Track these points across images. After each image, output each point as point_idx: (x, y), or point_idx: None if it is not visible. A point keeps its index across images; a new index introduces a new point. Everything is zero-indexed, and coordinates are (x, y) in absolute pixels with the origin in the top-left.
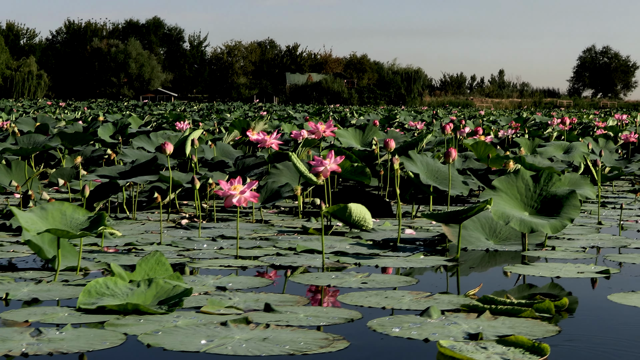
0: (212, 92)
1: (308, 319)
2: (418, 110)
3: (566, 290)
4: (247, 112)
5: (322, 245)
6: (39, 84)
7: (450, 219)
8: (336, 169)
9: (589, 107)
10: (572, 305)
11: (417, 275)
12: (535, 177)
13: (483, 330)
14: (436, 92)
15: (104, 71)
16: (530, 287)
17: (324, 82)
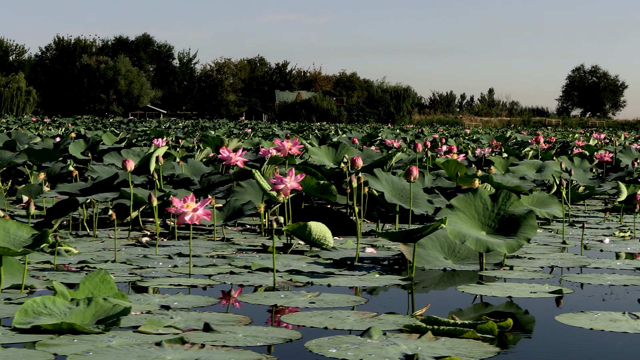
0: (201, 109)
1: (246, 339)
2: (404, 128)
3: (521, 310)
4: (232, 130)
5: (274, 264)
6: (28, 100)
7: (405, 238)
8: (296, 187)
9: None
10: (518, 326)
11: (368, 295)
12: (493, 197)
13: (421, 351)
14: (425, 111)
15: (93, 88)
16: (486, 306)
17: (313, 99)
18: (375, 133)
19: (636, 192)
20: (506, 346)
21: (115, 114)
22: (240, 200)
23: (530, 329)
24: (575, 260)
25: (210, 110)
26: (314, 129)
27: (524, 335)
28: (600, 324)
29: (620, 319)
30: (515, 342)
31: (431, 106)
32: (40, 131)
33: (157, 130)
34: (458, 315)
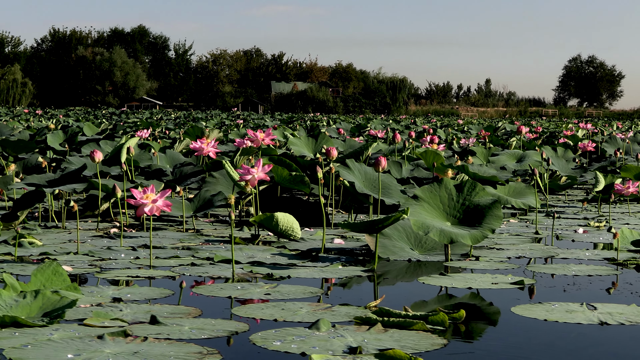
0: (197, 101)
1: (191, 332)
2: (397, 119)
3: (483, 301)
4: (224, 121)
5: (232, 255)
6: (24, 91)
7: (367, 229)
8: (264, 177)
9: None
10: (473, 317)
11: (330, 286)
12: (458, 187)
13: (367, 344)
14: (422, 101)
15: (89, 79)
16: (450, 297)
17: (309, 90)
18: (364, 124)
19: (614, 182)
20: (456, 338)
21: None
22: (211, 191)
23: (484, 321)
24: (544, 250)
25: (207, 101)
26: (307, 119)
27: (476, 327)
28: (556, 315)
29: (577, 309)
30: (466, 333)
31: (427, 97)
32: (30, 122)
33: (147, 122)
34: (420, 307)
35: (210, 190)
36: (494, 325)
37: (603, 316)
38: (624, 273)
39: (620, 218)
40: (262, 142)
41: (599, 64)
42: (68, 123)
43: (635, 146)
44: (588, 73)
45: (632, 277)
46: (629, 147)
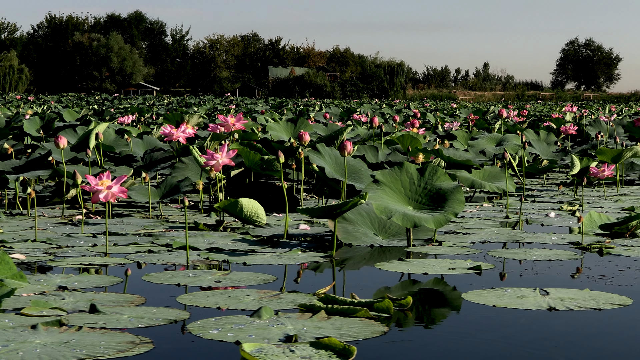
0: (194, 86)
1: (129, 321)
2: (390, 103)
3: (439, 287)
4: (216, 106)
5: (186, 242)
6: (20, 78)
7: (326, 214)
8: (228, 162)
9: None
10: (423, 303)
11: (282, 272)
12: (420, 171)
13: (305, 332)
14: (419, 86)
15: (86, 65)
16: (414, 283)
17: (307, 75)
18: (354, 108)
19: (589, 165)
20: (400, 325)
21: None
22: (179, 177)
23: (434, 307)
24: (510, 235)
25: (204, 86)
26: (300, 104)
27: (424, 314)
28: (505, 300)
29: (528, 295)
30: (411, 320)
31: (425, 81)
32: (20, 109)
33: (138, 108)
34: (375, 294)
35: (178, 176)
36: (442, 312)
37: (553, 302)
38: (585, 257)
39: (595, 201)
40: (233, 127)
41: (597, 47)
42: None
43: (619, 129)
44: (585, 56)
45: (592, 261)
46: (613, 130)
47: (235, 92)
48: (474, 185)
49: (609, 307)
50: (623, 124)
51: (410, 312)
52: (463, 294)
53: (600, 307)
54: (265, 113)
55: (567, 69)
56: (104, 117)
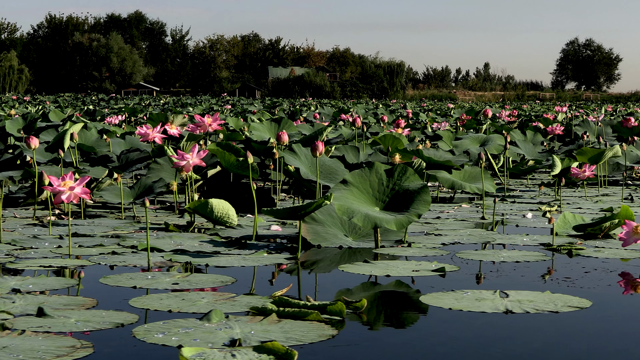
0: (194, 86)
1: (76, 324)
2: (387, 103)
3: (400, 289)
4: (212, 106)
5: (147, 243)
6: (20, 78)
7: (290, 216)
8: (199, 163)
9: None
10: (381, 306)
11: (243, 274)
12: (389, 172)
13: (252, 336)
14: (419, 86)
15: (86, 65)
16: (374, 285)
17: (307, 75)
18: (346, 108)
19: (570, 166)
20: (351, 328)
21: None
22: (153, 178)
23: (388, 310)
24: (482, 236)
25: (204, 87)
26: (296, 104)
27: (378, 316)
28: (463, 303)
29: (487, 297)
30: (364, 323)
31: (425, 81)
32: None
33: (130, 108)
34: (334, 296)
35: (153, 177)
36: (397, 315)
37: (511, 304)
38: (553, 259)
39: (575, 202)
40: (210, 127)
41: (597, 47)
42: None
43: (607, 129)
44: (585, 56)
45: (560, 263)
46: (601, 130)
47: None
48: (454, 186)
49: (567, 310)
50: (612, 124)
51: (365, 315)
52: (421, 296)
53: (558, 310)
54: (256, 113)
55: (567, 69)
56: (95, 118)
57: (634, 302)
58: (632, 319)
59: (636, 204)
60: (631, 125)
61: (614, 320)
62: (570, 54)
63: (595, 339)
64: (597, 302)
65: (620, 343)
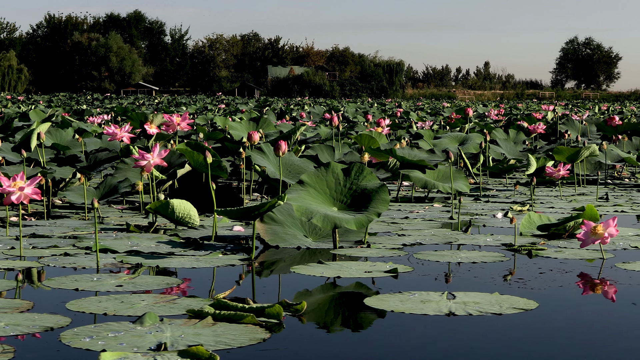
0: (193, 86)
1: (4, 328)
2: (383, 102)
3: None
4: (206, 105)
5: (96, 245)
6: (20, 78)
7: (244, 216)
8: (160, 162)
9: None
10: (320, 309)
11: (193, 276)
12: (346, 171)
13: (182, 339)
14: (419, 85)
15: (85, 65)
16: (335, 287)
17: (306, 75)
18: (337, 107)
19: (545, 165)
20: (287, 331)
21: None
22: (119, 178)
23: (330, 312)
24: (445, 236)
25: (203, 86)
26: (291, 103)
27: (317, 319)
28: (407, 305)
29: (433, 299)
30: (300, 326)
31: (425, 80)
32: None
33: (121, 107)
34: (298, 297)
35: (119, 177)
36: (337, 317)
37: (455, 306)
38: (512, 260)
39: (549, 201)
40: (178, 126)
41: (596, 45)
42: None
43: (592, 127)
44: (585, 55)
45: (517, 263)
46: (586, 129)
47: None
48: (427, 185)
49: (511, 312)
50: (597, 123)
51: (304, 317)
52: (366, 298)
53: (501, 312)
54: (245, 112)
55: (566, 67)
56: (83, 117)
57: (580, 304)
58: (574, 320)
59: (609, 204)
60: (615, 124)
61: (555, 323)
62: (569, 53)
63: (530, 341)
64: (543, 303)
65: (554, 346)
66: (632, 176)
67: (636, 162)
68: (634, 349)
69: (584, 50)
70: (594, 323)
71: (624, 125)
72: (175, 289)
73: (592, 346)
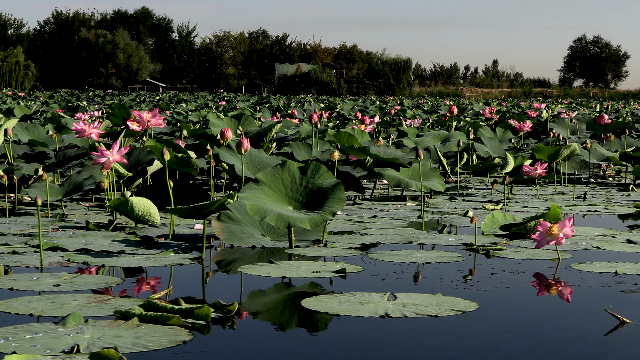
0: (201, 83)
1: None
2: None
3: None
4: (207, 102)
5: (40, 242)
6: (27, 74)
7: (194, 215)
8: (120, 159)
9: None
10: (254, 310)
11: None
12: (302, 169)
13: (100, 341)
14: (426, 82)
15: (92, 62)
16: (288, 287)
17: (313, 72)
18: (333, 105)
19: (523, 164)
20: (212, 333)
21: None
22: (84, 175)
23: (263, 313)
24: (407, 235)
25: (210, 83)
26: (292, 101)
27: (248, 320)
28: (344, 307)
29: (373, 300)
30: (228, 328)
31: (432, 78)
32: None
33: (118, 104)
34: (250, 298)
35: (84, 174)
36: (269, 319)
37: (393, 308)
38: (468, 260)
39: (524, 201)
40: (148, 123)
41: (604, 44)
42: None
43: (582, 126)
44: (593, 53)
45: (472, 264)
46: (576, 127)
47: (241, 89)
48: (400, 184)
49: (448, 314)
50: (586, 121)
51: (235, 319)
52: (304, 299)
53: (438, 314)
54: (238, 110)
55: (574, 66)
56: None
57: (521, 306)
58: (510, 323)
59: (585, 203)
60: (604, 122)
61: (488, 326)
62: (578, 51)
63: (453, 346)
64: (484, 305)
65: (483, 350)
66: (617, 175)
67: (619, 161)
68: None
69: (592, 49)
70: (529, 326)
71: (613, 123)
72: (108, 290)
73: (518, 352)
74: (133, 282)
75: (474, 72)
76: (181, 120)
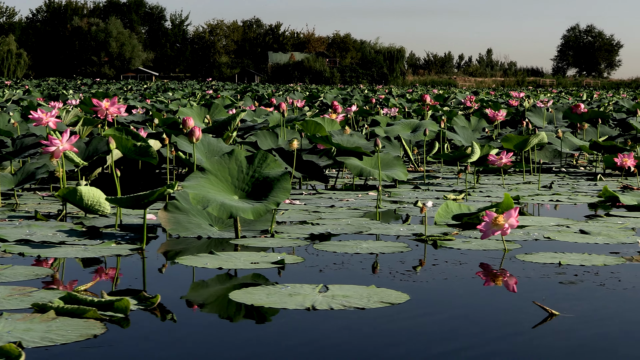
0: (194, 71)
1: None
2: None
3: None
4: (195, 90)
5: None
6: (19, 62)
7: (134, 205)
8: (69, 148)
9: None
10: (177, 303)
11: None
12: (249, 158)
13: (10, 335)
14: (420, 72)
15: (85, 50)
16: (230, 278)
17: (306, 61)
18: (316, 94)
19: (489, 153)
20: (129, 326)
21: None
22: (37, 164)
23: (187, 306)
24: (359, 226)
25: (203, 72)
26: (281, 89)
27: (168, 313)
28: (272, 299)
29: (303, 292)
30: (146, 321)
31: (426, 67)
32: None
33: (101, 92)
34: (195, 288)
35: (37, 163)
36: (190, 313)
37: (321, 300)
38: (415, 250)
39: (489, 190)
40: (107, 111)
41: (598, 33)
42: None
43: (558, 115)
44: (586, 42)
45: (417, 254)
46: (552, 116)
47: (234, 78)
48: (363, 173)
49: (376, 306)
50: (563, 110)
51: (156, 311)
52: (232, 292)
53: (366, 306)
54: (220, 98)
55: (568, 55)
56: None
57: (452, 297)
58: (436, 315)
59: (549, 192)
60: (580, 111)
61: (415, 317)
62: (571, 40)
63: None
64: (415, 297)
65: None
66: (589, 164)
67: (589, 150)
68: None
69: (585, 38)
70: (454, 318)
71: (590, 112)
72: (41, 280)
73: (435, 345)
74: (68, 274)
75: (468, 61)
76: (162, 109)
